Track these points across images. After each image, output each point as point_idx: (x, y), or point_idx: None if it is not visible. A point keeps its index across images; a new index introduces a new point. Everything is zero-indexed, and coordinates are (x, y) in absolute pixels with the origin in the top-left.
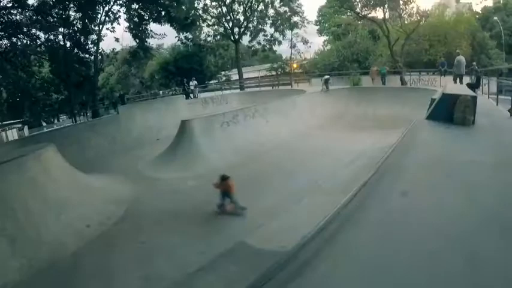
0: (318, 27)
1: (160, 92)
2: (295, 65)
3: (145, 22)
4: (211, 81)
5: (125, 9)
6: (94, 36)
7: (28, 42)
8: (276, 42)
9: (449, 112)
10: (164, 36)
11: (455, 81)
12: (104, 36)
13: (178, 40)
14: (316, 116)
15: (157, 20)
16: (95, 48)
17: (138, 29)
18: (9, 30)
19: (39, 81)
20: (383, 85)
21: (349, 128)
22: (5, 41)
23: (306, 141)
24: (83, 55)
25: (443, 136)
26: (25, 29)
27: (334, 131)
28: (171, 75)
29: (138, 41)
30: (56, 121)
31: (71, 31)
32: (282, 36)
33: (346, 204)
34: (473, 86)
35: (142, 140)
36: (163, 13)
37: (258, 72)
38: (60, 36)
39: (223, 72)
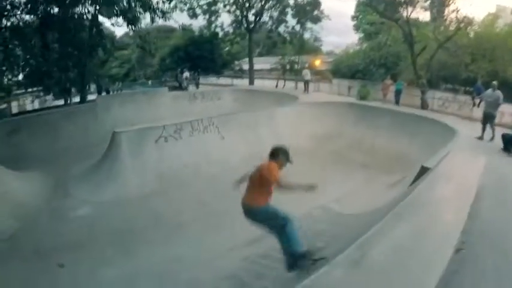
0: (354, 22)
1: (149, 81)
2: (317, 62)
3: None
4: (225, 71)
5: None
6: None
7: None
8: (297, 35)
9: None
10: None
11: (483, 125)
12: None
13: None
14: (297, 135)
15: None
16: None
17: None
18: None
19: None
20: (396, 104)
21: (331, 160)
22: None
23: None
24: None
25: None
26: None
27: (309, 161)
28: (180, 60)
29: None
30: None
31: None
32: (302, 29)
33: None
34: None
35: None
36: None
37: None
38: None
39: (236, 62)
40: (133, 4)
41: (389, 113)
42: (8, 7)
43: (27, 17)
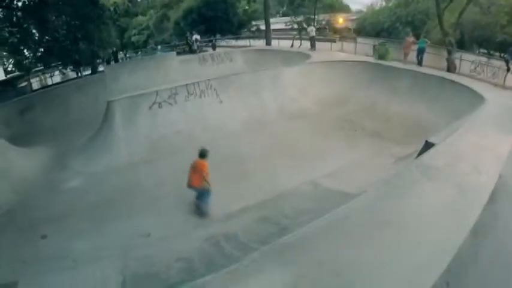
0: None
1: (159, 46)
2: (341, 20)
3: None
4: (243, 32)
5: None
6: None
7: None
8: None
9: None
10: None
11: None
12: None
13: None
14: (305, 98)
15: None
16: None
17: None
18: None
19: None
20: (418, 65)
21: (337, 127)
22: None
23: (259, 139)
24: None
25: None
26: None
27: (313, 127)
28: (194, 23)
29: None
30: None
31: None
32: None
33: None
34: None
35: None
36: None
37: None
38: None
39: (254, 22)
40: None
41: (408, 74)
42: None
43: None
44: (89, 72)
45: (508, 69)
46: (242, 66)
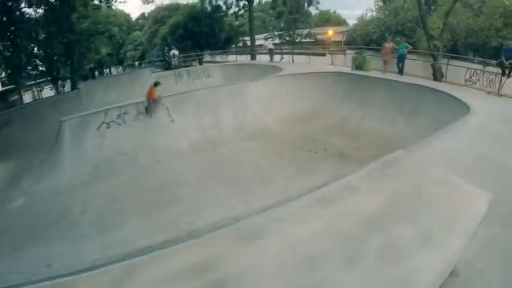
0: None
1: (136, 63)
2: (330, 32)
3: None
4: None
5: None
6: None
7: None
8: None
9: None
10: None
11: None
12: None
13: None
14: (269, 114)
15: None
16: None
17: None
18: None
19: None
20: (398, 74)
21: (298, 147)
22: None
23: (205, 162)
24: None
25: None
26: None
27: (271, 149)
28: (180, 38)
29: None
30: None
31: None
32: None
33: None
34: None
35: None
36: None
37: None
38: None
39: (240, 38)
40: None
41: (384, 84)
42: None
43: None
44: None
45: (503, 73)
46: (219, 82)
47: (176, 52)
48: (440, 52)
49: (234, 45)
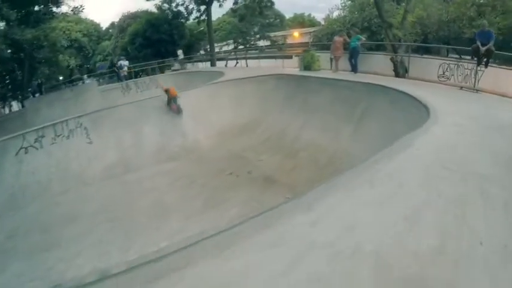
0: None
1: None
2: (296, 34)
3: None
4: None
5: None
6: None
7: None
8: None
9: None
10: None
11: None
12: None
13: None
14: (201, 129)
15: None
16: None
17: None
18: None
19: None
20: (352, 72)
21: (218, 171)
22: None
23: (110, 191)
24: None
25: None
26: None
27: (188, 172)
28: (140, 47)
29: None
30: None
31: None
32: None
33: None
34: None
35: None
36: None
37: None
38: None
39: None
40: None
41: (330, 85)
42: None
43: None
44: None
45: (479, 62)
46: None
47: (125, 62)
48: (403, 43)
49: (198, 53)
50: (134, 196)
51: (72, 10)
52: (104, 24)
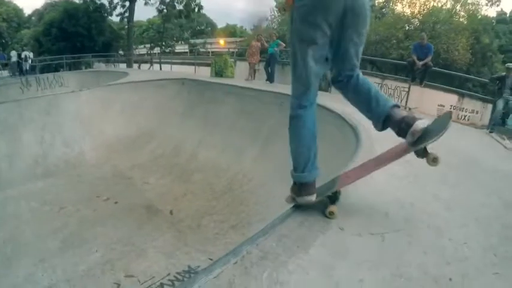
0: None
1: None
2: (222, 42)
3: None
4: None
5: None
6: None
7: None
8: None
9: None
10: None
11: None
12: None
13: None
14: (88, 139)
15: None
16: None
17: None
18: None
19: None
20: (267, 81)
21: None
22: None
23: None
24: None
25: None
26: None
27: (57, 198)
28: (55, 39)
29: None
30: None
31: None
32: None
33: None
34: None
35: None
36: None
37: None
38: None
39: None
40: None
41: (235, 95)
42: None
43: None
44: None
45: (413, 78)
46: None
47: (30, 54)
48: None
49: (117, 52)
50: None
51: None
52: (27, 11)
